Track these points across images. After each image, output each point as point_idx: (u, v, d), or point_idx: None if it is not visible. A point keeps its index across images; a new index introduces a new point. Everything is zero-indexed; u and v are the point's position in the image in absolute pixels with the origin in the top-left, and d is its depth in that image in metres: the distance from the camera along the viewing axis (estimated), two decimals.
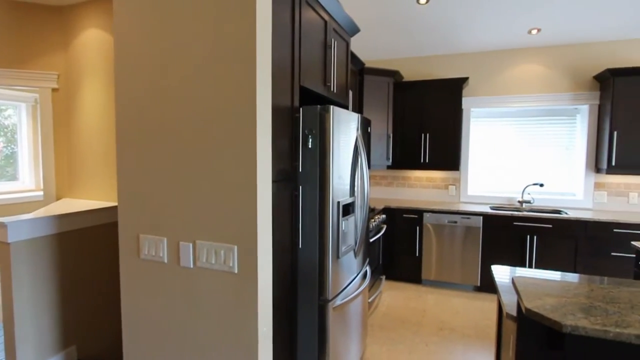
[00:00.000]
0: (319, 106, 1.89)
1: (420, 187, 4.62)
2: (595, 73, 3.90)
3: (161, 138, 1.46)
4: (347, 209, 2.21)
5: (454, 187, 4.47)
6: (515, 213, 3.72)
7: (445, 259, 3.98)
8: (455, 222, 3.91)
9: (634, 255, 2.49)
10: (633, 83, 3.51)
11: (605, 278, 1.76)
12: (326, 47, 2.27)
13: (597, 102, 3.90)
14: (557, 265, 3.60)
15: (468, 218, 3.86)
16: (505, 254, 3.77)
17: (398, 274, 4.20)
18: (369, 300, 3.26)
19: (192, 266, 1.44)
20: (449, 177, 4.49)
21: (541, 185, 4.01)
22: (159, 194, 1.48)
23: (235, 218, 1.35)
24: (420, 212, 4.04)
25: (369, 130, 2.82)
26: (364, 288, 2.58)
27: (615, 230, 3.41)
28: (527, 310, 1.08)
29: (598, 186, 3.95)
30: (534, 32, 3.77)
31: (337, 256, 2.05)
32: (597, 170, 3.87)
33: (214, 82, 1.35)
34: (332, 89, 2.38)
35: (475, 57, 4.33)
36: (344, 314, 2.22)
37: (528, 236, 3.67)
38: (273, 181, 1.58)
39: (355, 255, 2.42)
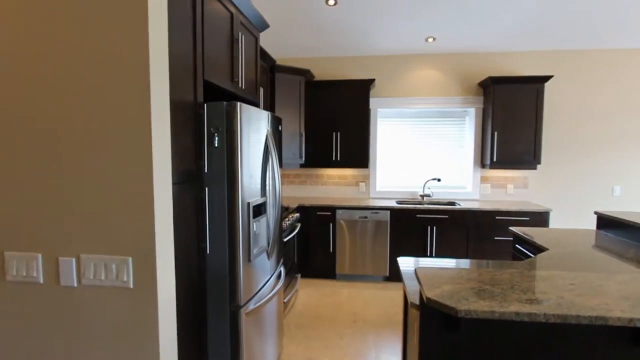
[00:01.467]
0: (225, 103, 1.80)
1: (333, 185, 4.74)
2: (479, 80, 4.42)
3: (32, 138, 1.23)
4: (259, 210, 2.14)
5: (364, 183, 4.69)
6: (418, 206, 4.05)
7: (357, 253, 4.15)
8: (366, 217, 4.10)
9: (512, 238, 2.88)
10: (509, 90, 4.06)
11: (491, 262, 1.99)
12: (233, 41, 2.17)
13: (482, 105, 4.43)
14: (453, 250, 4.01)
15: (377, 213, 4.08)
16: (411, 244, 4.07)
17: (313, 271, 4.26)
18: (285, 300, 3.24)
19: (75, 285, 1.24)
20: (359, 174, 4.70)
21: (438, 180, 4.43)
22: (30, 203, 1.24)
23: (129, 226, 1.20)
24: (333, 209, 4.15)
25: (279, 128, 2.79)
26: (279, 289, 2.54)
27: (497, 217, 3.92)
28: (428, 299, 1.15)
29: (484, 179, 4.50)
30: (430, 40, 4.12)
31: (248, 259, 1.98)
32: (483, 165, 4.40)
33: (99, 74, 1.17)
34: (240, 85, 2.29)
35: (381, 60, 4.58)
36: (258, 317, 2.16)
37: (429, 227, 4.02)
38: (174, 183, 1.45)
39: (269, 256, 2.37)
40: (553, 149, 4.38)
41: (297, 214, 3.96)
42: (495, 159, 4.12)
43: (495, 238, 3.94)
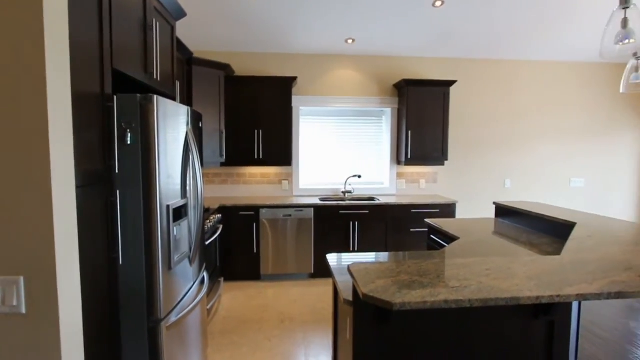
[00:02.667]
0: (139, 95, 1.61)
1: (256, 184, 4.63)
2: (395, 82, 4.69)
3: None
4: (179, 213, 1.98)
5: (287, 181, 4.66)
6: (340, 203, 4.15)
7: (282, 252, 4.11)
8: (290, 215, 4.08)
9: (427, 229, 3.12)
10: (420, 92, 4.38)
11: (407, 253, 2.11)
12: (146, 27, 1.96)
13: (397, 106, 4.71)
14: (374, 244, 4.20)
15: (301, 210, 4.09)
16: (334, 240, 4.16)
17: (237, 273, 4.11)
18: (208, 307, 3.06)
19: None
20: (283, 172, 4.66)
21: (359, 176, 4.60)
22: None
23: (19, 239, 0.99)
24: (256, 209, 4.05)
25: (200, 125, 2.61)
26: (203, 296, 2.39)
27: (412, 210, 4.21)
28: (365, 295, 1.16)
29: (400, 175, 4.79)
30: (350, 41, 4.25)
31: (169, 267, 1.81)
32: (399, 162, 4.68)
33: None
34: (155, 77, 2.08)
35: (303, 58, 4.59)
36: (180, 330, 1.99)
37: (351, 222, 4.15)
38: (78, 186, 1.25)
39: (191, 262, 2.21)
40: (458, 146, 4.85)
41: (219, 215, 3.78)
42: (409, 156, 4.41)
43: (412, 230, 4.23)
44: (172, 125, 1.87)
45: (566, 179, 5.09)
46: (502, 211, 3.23)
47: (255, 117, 4.25)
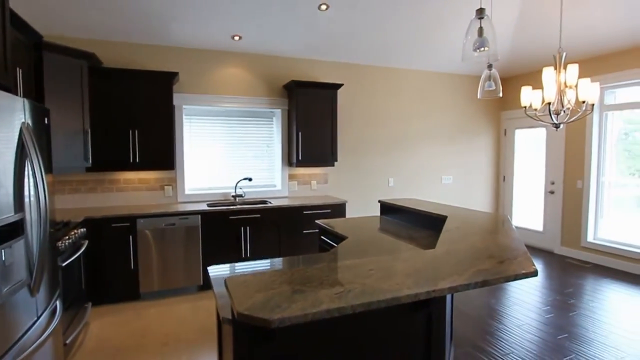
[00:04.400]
0: None
1: (133, 190, 4.09)
2: (284, 83, 4.64)
3: None
4: (11, 231, 1.55)
5: (171, 187, 4.22)
6: (230, 207, 3.92)
7: (166, 265, 3.70)
8: (174, 224, 3.69)
9: (318, 230, 3.11)
10: (309, 94, 4.40)
11: (296, 257, 2.03)
12: None
13: (287, 107, 4.66)
14: (267, 249, 4.06)
15: (186, 218, 3.73)
16: (225, 247, 3.90)
17: (111, 295, 3.55)
18: (67, 340, 2.54)
19: None
20: (165, 177, 4.21)
21: (250, 179, 4.42)
22: None
23: None
24: (132, 219, 3.55)
25: (46, 121, 2.14)
26: (55, 328, 1.94)
27: (305, 212, 4.20)
28: (239, 314, 1.01)
29: (291, 177, 4.76)
30: (237, 38, 4.05)
31: None
32: (290, 164, 4.64)
33: None
34: None
35: (186, 52, 4.22)
36: None
37: (242, 228, 3.94)
38: None
39: (33, 291, 1.77)
40: (347, 148, 5.03)
41: (83, 229, 3.20)
42: (300, 158, 4.40)
43: (304, 231, 4.21)
44: None
45: (439, 176, 5.71)
46: (386, 208, 3.42)
47: (130, 115, 3.74)
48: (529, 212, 5.85)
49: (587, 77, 4.38)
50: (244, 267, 1.90)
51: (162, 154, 3.87)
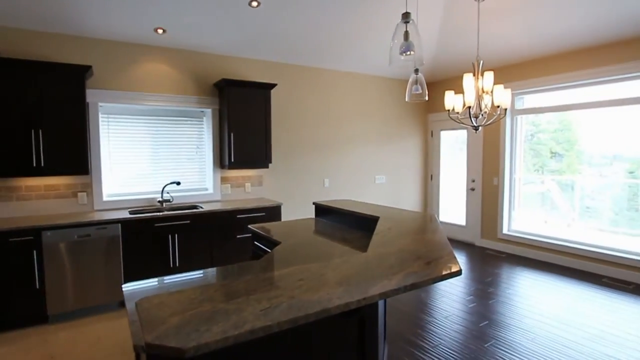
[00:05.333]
0: None
1: (38, 199, 3.59)
2: (214, 81, 4.41)
3: None
4: None
5: (85, 194, 3.79)
6: (156, 214, 3.62)
7: (81, 282, 3.30)
8: (89, 235, 3.31)
9: (252, 236, 2.99)
10: (242, 93, 4.24)
11: (231, 266, 1.91)
12: None
13: (218, 107, 4.45)
14: (198, 257, 3.83)
15: (104, 228, 3.37)
16: (150, 259, 3.60)
17: (9, 320, 3.08)
18: None
19: None
20: (78, 182, 3.76)
21: (178, 183, 4.13)
22: None
23: None
24: (36, 231, 3.11)
25: None
26: None
27: (238, 216, 4.04)
28: (148, 345, 0.89)
29: (224, 180, 4.55)
30: (160, 31, 3.75)
31: None
32: (222, 166, 4.44)
33: None
34: None
35: (102, 45, 3.80)
36: None
37: (170, 236, 3.67)
38: None
39: None
40: (281, 149, 4.94)
41: None
42: (233, 160, 4.23)
43: (238, 236, 4.05)
44: None
45: (372, 176, 5.86)
46: (321, 210, 3.40)
47: (32, 113, 3.28)
48: (453, 208, 6.26)
49: (501, 83, 4.78)
50: (168, 281, 1.73)
51: (74, 156, 3.45)
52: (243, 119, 4.27)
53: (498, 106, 3.26)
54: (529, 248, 5.09)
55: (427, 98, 2.92)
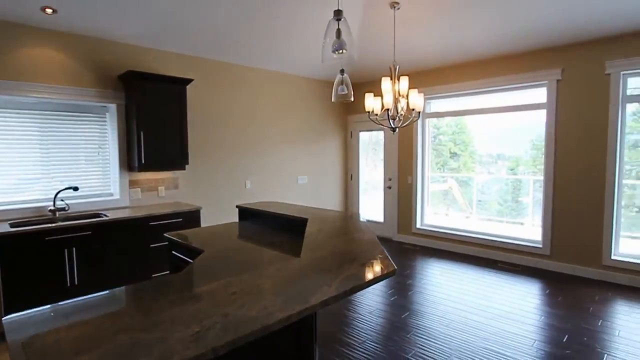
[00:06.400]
0: None
1: None
2: (120, 73, 3.93)
3: None
4: None
5: None
6: (47, 226, 3.08)
7: None
8: None
9: (168, 244, 2.71)
10: (153, 88, 3.84)
11: (147, 283, 1.67)
12: None
13: (123, 102, 3.97)
14: (103, 274, 3.37)
15: None
16: (40, 280, 3.05)
17: None
18: None
19: None
20: None
21: (75, 189, 3.59)
22: None
23: None
24: None
25: None
26: None
27: (151, 223, 3.65)
28: None
29: (133, 184, 4.09)
30: (49, 11, 3.20)
31: None
32: (131, 168, 3.98)
33: None
34: None
35: None
36: None
37: (66, 250, 3.16)
38: None
39: None
40: (200, 149, 4.62)
41: None
42: (144, 161, 3.81)
43: (152, 246, 3.67)
44: None
45: (295, 177, 5.83)
46: (245, 213, 3.25)
47: None
48: (372, 206, 6.54)
49: (415, 88, 5.12)
50: (66, 306, 1.43)
51: None
52: (155, 116, 3.88)
53: (413, 109, 3.45)
54: (438, 240, 5.54)
55: (352, 99, 2.97)
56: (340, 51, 1.56)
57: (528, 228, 4.91)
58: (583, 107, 4.16)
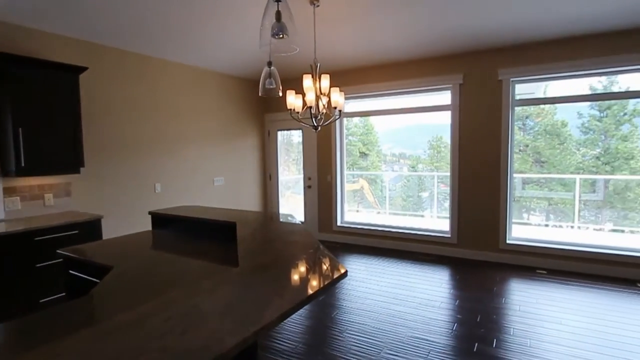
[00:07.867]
0: None
1: None
2: None
3: None
4: None
5: None
6: None
7: None
8: None
9: (63, 262, 2.25)
10: (36, 76, 3.19)
11: (38, 314, 1.31)
12: None
13: None
14: None
15: None
16: None
17: None
18: None
19: None
20: None
21: None
22: None
23: None
24: None
25: None
26: None
27: (37, 238, 3.03)
28: None
29: (9, 191, 3.36)
30: None
31: None
32: (6, 173, 3.26)
33: None
34: None
35: None
36: None
37: None
38: None
39: None
40: (98, 149, 3.99)
41: None
42: (23, 164, 3.14)
43: (38, 265, 3.04)
44: None
45: (210, 178, 5.45)
46: (160, 220, 2.88)
47: None
48: (293, 205, 6.47)
49: (337, 87, 5.17)
50: None
51: None
52: (38, 110, 3.23)
53: (335, 107, 3.46)
54: (358, 236, 5.70)
55: (280, 94, 2.82)
56: (281, 35, 1.42)
57: (427, 219, 5.37)
58: (481, 110, 4.64)
